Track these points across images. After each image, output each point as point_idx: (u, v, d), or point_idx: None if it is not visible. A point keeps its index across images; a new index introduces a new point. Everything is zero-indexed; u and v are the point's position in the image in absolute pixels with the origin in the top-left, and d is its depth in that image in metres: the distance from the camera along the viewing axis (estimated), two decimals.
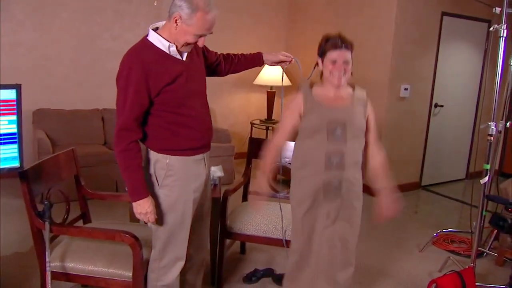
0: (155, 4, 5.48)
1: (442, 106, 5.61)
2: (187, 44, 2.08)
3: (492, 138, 3.00)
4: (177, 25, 2.01)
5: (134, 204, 2.14)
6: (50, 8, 5.04)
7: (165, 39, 2.08)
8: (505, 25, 2.82)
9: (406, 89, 5.16)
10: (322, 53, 2.27)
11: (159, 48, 2.08)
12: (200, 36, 2.06)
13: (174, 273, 2.28)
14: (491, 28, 2.89)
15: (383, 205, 2.37)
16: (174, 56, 2.11)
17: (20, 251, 3.34)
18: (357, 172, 2.34)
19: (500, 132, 3.30)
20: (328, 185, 2.28)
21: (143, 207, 2.13)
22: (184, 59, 2.15)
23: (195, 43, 2.09)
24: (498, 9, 2.90)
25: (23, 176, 2.20)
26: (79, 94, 5.32)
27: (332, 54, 2.22)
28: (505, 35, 2.84)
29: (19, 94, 2.00)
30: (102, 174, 4.61)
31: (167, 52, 2.09)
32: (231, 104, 6.49)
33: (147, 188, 2.15)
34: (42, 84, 5.13)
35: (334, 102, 2.30)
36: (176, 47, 2.09)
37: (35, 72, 5.09)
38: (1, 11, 4.79)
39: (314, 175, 2.30)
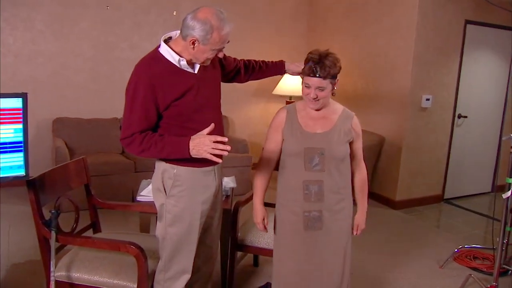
0: (174, 14, 5.52)
1: (466, 117, 5.44)
2: (208, 59, 2.08)
3: None
4: (194, 46, 1.99)
5: (193, 151, 2.00)
6: (69, 19, 5.11)
7: (176, 52, 2.05)
8: None
9: (428, 100, 5.02)
10: (302, 72, 2.19)
11: (169, 61, 2.07)
12: (219, 49, 2.06)
13: (179, 286, 2.23)
14: None
15: (355, 222, 2.35)
16: (185, 69, 2.09)
17: (34, 259, 3.33)
18: (342, 200, 2.22)
19: None
20: (307, 217, 2.18)
21: (200, 143, 1.98)
22: (195, 71, 2.12)
23: (216, 55, 2.09)
24: None
25: (31, 184, 2.20)
26: (97, 103, 5.37)
27: (307, 79, 2.14)
28: None
29: (25, 103, 2.00)
30: (119, 183, 4.62)
31: (177, 65, 2.07)
32: (250, 114, 6.45)
33: (183, 139, 2.04)
34: (61, 93, 5.20)
35: (315, 124, 2.20)
36: (188, 61, 2.07)
37: (55, 82, 5.16)
38: (21, 21, 4.90)
39: (293, 203, 2.22)
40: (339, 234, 2.24)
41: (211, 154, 1.96)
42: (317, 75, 2.08)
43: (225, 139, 1.98)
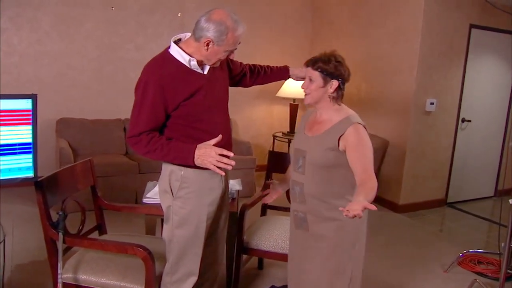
0: (178, 15, 5.52)
1: (469, 121, 5.44)
2: (219, 60, 2.12)
3: None
4: (208, 47, 2.02)
5: (197, 161, 2.05)
6: (74, 19, 5.12)
7: (187, 53, 2.06)
8: None
9: (432, 103, 5.02)
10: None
11: (180, 62, 2.08)
12: (231, 51, 2.10)
13: None
14: None
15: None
16: (195, 70, 2.10)
17: (38, 260, 3.33)
18: (330, 210, 2.08)
19: None
20: (296, 216, 2.22)
21: (205, 154, 2.03)
22: (205, 72, 2.13)
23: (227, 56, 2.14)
24: None
25: (39, 186, 2.19)
26: (101, 104, 5.37)
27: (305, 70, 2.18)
28: None
29: (35, 104, 2.00)
30: (122, 184, 4.61)
31: (188, 65, 2.08)
32: (253, 116, 6.45)
33: (189, 146, 2.07)
34: (65, 94, 5.20)
35: (313, 127, 2.18)
36: (199, 62, 2.09)
37: (59, 82, 5.16)
38: (27, 22, 4.91)
39: (291, 201, 2.29)
40: (324, 244, 2.14)
41: (214, 165, 2.02)
42: (309, 64, 2.13)
43: (231, 154, 2.03)
